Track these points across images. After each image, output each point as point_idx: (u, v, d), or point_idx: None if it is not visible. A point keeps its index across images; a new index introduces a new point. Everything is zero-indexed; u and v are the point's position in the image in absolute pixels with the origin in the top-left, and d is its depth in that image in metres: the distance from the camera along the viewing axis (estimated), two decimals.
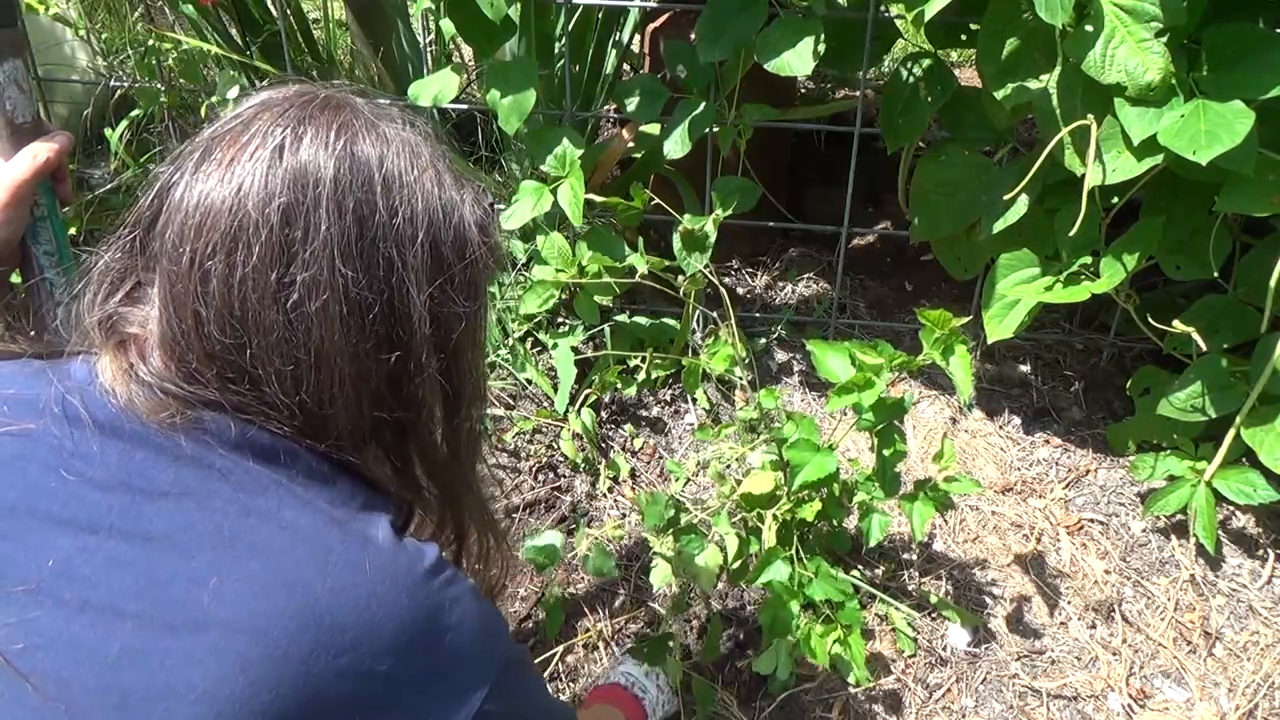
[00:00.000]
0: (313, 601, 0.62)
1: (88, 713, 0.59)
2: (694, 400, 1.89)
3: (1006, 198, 1.58)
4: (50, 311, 0.93)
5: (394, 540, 0.68)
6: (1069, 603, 1.58)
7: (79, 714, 0.59)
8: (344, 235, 0.68)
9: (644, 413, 1.89)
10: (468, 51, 2.50)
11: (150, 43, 2.07)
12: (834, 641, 1.33)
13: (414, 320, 0.71)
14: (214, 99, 1.91)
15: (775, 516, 1.39)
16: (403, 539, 0.69)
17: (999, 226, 1.63)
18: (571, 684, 1.47)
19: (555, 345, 1.86)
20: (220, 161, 0.68)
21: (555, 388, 1.82)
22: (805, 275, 2.18)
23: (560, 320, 1.94)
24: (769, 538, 1.38)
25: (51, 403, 0.67)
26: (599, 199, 1.77)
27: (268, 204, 0.67)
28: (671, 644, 1.39)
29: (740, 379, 1.76)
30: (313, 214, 0.67)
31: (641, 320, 1.94)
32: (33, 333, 0.91)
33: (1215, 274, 1.58)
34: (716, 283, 1.68)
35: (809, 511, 1.41)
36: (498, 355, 1.87)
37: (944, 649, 1.51)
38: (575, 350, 1.86)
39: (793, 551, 1.37)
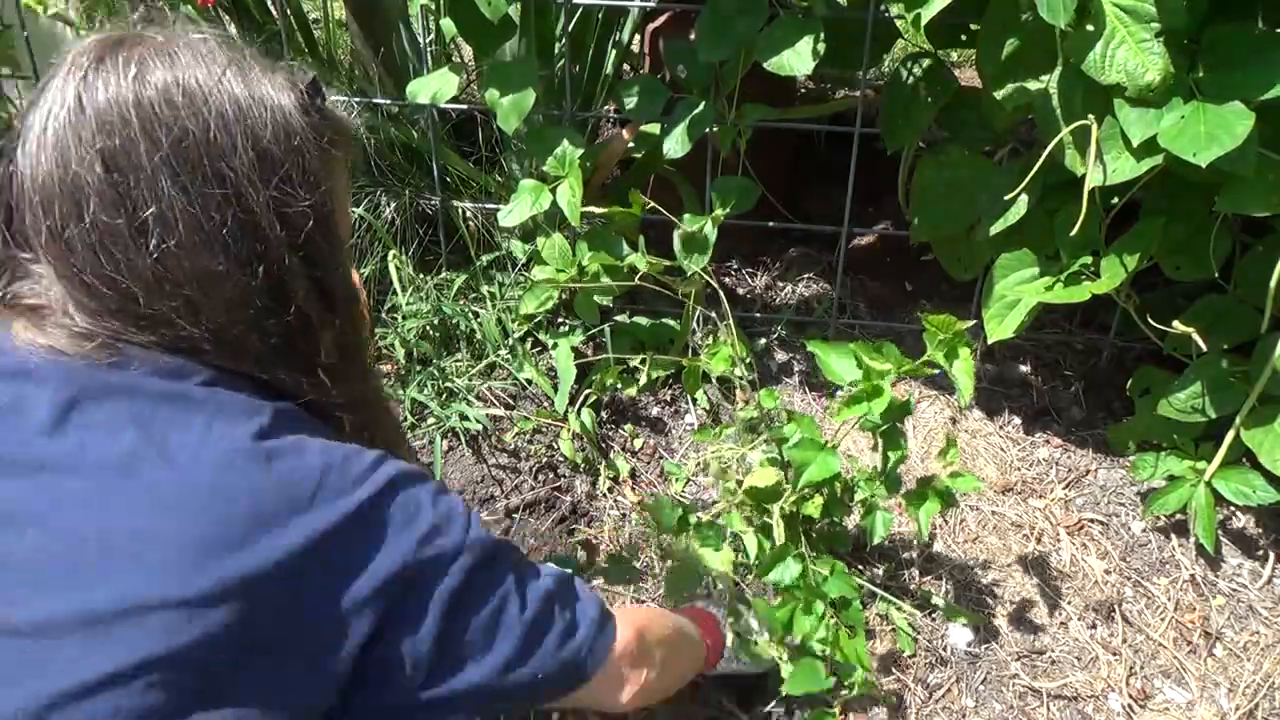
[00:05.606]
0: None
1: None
2: (694, 401, 1.89)
3: (1006, 198, 1.58)
4: None
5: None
6: (1069, 603, 1.58)
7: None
8: (168, 164, 0.68)
9: (644, 413, 1.89)
10: (468, 51, 2.49)
11: None
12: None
13: (263, 226, 0.70)
14: None
15: (781, 510, 1.39)
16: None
17: (999, 227, 1.63)
18: None
19: (555, 345, 1.86)
20: (34, 133, 0.69)
21: (555, 388, 1.82)
22: (805, 275, 2.18)
23: (560, 320, 1.94)
24: (779, 533, 1.38)
25: None
26: (597, 210, 1.77)
27: (85, 158, 0.67)
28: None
29: (740, 379, 1.76)
30: (131, 153, 0.67)
31: (641, 320, 1.94)
32: None
33: (1215, 274, 1.58)
34: (714, 283, 1.68)
35: (813, 507, 1.41)
36: (497, 355, 1.87)
37: (944, 649, 1.51)
38: (575, 350, 1.86)
39: (803, 549, 1.37)
